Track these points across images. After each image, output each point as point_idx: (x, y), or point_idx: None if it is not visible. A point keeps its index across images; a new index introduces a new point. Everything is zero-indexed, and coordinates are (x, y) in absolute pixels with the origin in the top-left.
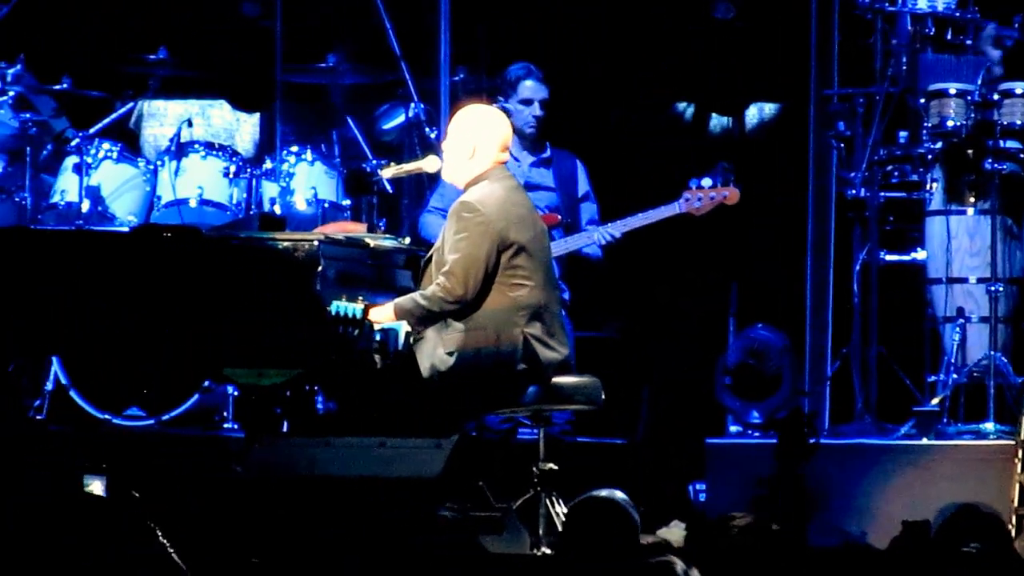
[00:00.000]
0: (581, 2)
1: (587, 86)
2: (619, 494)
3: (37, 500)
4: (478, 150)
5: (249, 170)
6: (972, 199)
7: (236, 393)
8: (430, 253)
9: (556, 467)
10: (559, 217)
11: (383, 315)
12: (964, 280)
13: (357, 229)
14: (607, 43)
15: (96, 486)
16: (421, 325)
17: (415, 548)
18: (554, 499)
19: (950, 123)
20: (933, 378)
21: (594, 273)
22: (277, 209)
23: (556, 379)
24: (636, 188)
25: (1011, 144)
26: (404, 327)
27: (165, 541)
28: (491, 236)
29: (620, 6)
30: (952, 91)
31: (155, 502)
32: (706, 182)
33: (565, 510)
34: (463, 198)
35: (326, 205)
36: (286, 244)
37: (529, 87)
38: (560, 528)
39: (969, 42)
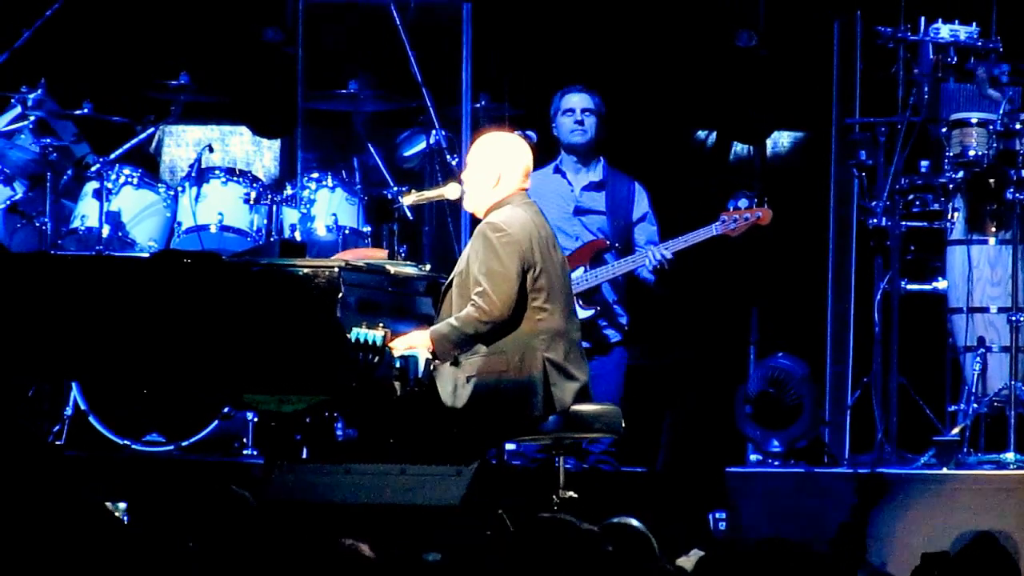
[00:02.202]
0: (604, 29)
1: (609, 113)
2: (634, 521)
3: (55, 526)
4: (503, 178)
5: (270, 196)
6: (994, 228)
7: (256, 419)
8: (451, 278)
9: (576, 495)
10: (607, 241)
11: (418, 341)
12: (985, 310)
13: (378, 256)
14: (629, 70)
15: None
16: (457, 350)
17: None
18: None
19: (972, 152)
20: (954, 408)
21: (651, 298)
22: (298, 236)
23: (576, 407)
24: (657, 216)
25: None
26: (424, 354)
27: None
28: (519, 254)
29: (643, 33)
30: (974, 120)
31: (174, 528)
32: (742, 203)
33: None
34: (488, 219)
35: (347, 232)
36: (307, 271)
37: (570, 98)
38: None
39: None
